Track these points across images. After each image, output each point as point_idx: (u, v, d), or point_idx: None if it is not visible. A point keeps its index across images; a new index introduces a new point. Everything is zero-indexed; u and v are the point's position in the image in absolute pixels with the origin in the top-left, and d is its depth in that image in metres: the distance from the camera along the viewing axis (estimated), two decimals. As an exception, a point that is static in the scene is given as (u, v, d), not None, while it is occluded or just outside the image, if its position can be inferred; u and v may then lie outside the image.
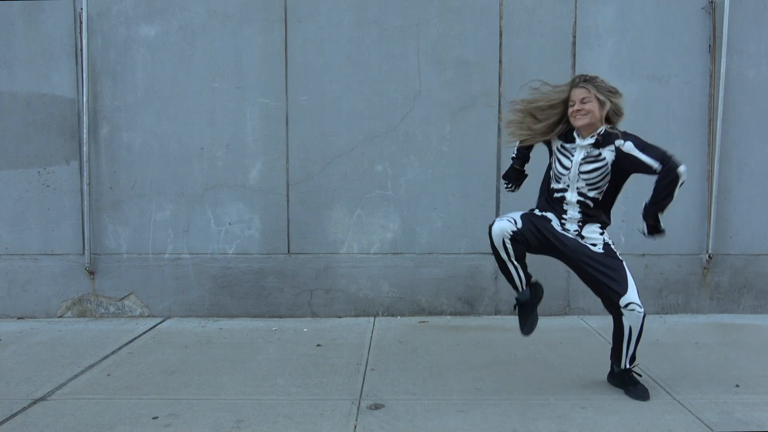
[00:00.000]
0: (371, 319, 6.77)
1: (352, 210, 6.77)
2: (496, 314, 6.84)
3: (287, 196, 6.79)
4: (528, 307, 4.79)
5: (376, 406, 4.47)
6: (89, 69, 6.67)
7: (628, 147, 4.50)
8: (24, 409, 4.46)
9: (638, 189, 6.68)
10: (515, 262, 4.59)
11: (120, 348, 5.82)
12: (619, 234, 6.77)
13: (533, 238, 4.53)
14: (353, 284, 6.84)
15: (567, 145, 4.61)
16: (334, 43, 6.68)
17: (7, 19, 6.70)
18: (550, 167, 4.74)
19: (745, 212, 6.83)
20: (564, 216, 4.62)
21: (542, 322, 6.40)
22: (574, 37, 6.67)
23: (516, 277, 4.65)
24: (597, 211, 4.60)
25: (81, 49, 6.64)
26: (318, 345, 5.90)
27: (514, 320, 6.53)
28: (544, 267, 6.70)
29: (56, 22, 6.68)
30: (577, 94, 4.49)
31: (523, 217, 4.55)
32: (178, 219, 6.82)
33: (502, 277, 6.66)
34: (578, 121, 4.50)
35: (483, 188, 6.73)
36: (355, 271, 6.83)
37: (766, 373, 5.08)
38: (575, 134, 4.60)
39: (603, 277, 4.51)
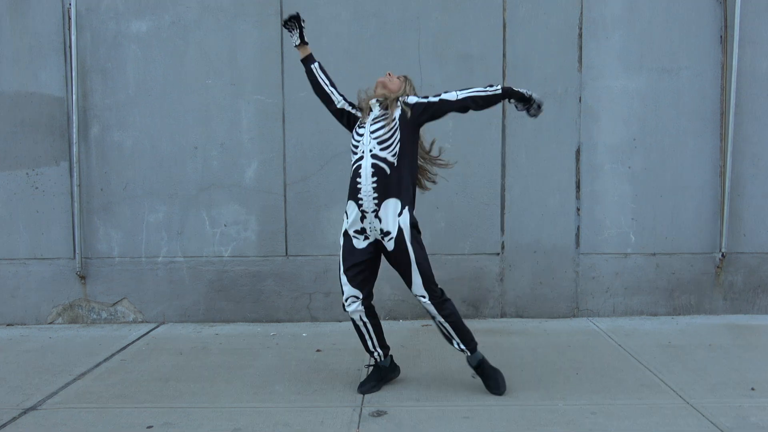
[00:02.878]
0: None
1: (352, 210, 6.63)
2: (501, 317, 6.76)
3: (284, 197, 6.69)
4: (382, 372, 4.93)
5: (379, 413, 4.42)
6: (78, 66, 6.58)
7: (412, 98, 4.72)
8: (14, 419, 4.39)
9: (646, 188, 6.64)
10: (373, 338, 4.84)
11: (113, 355, 5.76)
12: (629, 233, 6.74)
13: (366, 272, 4.72)
14: (354, 287, 6.69)
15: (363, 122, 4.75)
16: (332, 37, 6.60)
17: (-7, 15, 6.65)
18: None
19: (759, 209, 6.78)
20: (359, 196, 4.58)
21: (550, 324, 6.57)
22: (581, 29, 6.59)
23: (371, 345, 4.85)
24: (393, 180, 4.56)
25: (70, 46, 6.56)
26: (318, 350, 5.84)
27: (520, 323, 6.53)
28: (551, 269, 6.65)
29: (44, 18, 6.59)
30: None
31: (351, 279, 4.66)
32: (172, 221, 6.72)
33: (507, 279, 6.66)
34: (376, 90, 4.80)
35: (487, 186, 6.63)
36: (355, 274, 6.68)
37: (783, 376, 5.07)
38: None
39: (399, 271, 4.68)
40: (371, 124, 4.60)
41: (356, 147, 4.63)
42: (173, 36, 6.60)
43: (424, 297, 4.59)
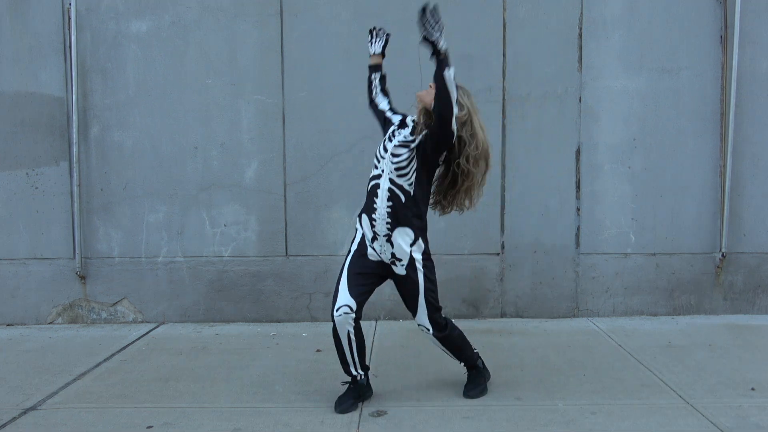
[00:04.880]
0: (372, 323, 6.65)
1: (352, 210, 6.60)
2: (501, 317, 6.73)
3: (284, 197, 6.66)
4: (360, 390, 4.57)
5: (379, 414, 4.40)
6: (78, 66, 6.55)
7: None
8: (14, 419, 4.38)
9: (646, 188, 6.62)
10: (356, 357, 4.49)
11: (113, 355, 5.74)
12: (629, 233, 6.71)
13: (368, 287, 4.46)
14: (354, 287, 6.67)
15: (397, 130, 4.46)
16: (331, 37, 6.57)
17: (-8, 15, 6.63)
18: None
19: (759, 209, 6.75)
20: (374, 216, 4.33)
21: (550, 324, 6.54)
22: (581, 29, 6.56)
23: (351, 364, 4.50)
24: (408, 208, 4.31)
25: (70, 46, 6.53)
26: (318, 350, 5.81)
27: (520, 323, 6.51)
28: (551, 269, 6.63)
29: (44, 18, 6.56)
30: None
31: (351, 288, 4.35)
32: (172, 221, 6.69)
33: (507, 279, 6.62)
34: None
35: (487, 186, 6.50)
36: (355, 274, 6.65)
37: (783, 376, 5.05)
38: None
39: (405, 297, 4.50)
40: (396, 147, 4.31)
41: (378, 163, 4.37)
42: (173, 36, 6.57)
43: (428, 330, 4.42)
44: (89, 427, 4.23)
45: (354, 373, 4.48)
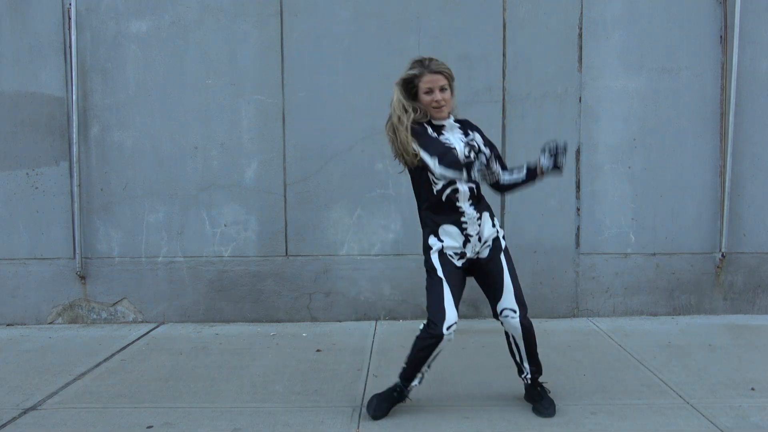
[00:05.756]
0: (373, 323, 6.66)
1: (352, 210, 6.63)
2: None
3: (285, 196, 6.65)
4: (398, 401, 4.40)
5: None
6: (78, 66, 6.54)
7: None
8: (14, 419, 4.38)
9: (646, 188, 6.62)
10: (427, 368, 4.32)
11: (113, 355, 5.73)
12: (629, 233, 6.70)
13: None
14: (354, 287, 6.71)
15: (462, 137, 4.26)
16: (331, 37, 6.56)
17: (-8, 15, 6.62)
18: (419, 177, 4.28)
19: (759, 209, 6.73)
20: (463, 220, 4.15)
21: (550, 324, 6.50)
22: (581, 28, 6.55)
23: (419, 375, 4.32)
24: (480, 196, 4.25)
25: (70, 46, 6.52)
26: (318, 350, 5.81)
27: None
28: (551, 269, 6.62)
29: (44, 18, 6.55)
30: (435, 80, 4.16)
31: (456, 304, 4.13)
32: (172, 221, 6.68)
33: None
34: (440, 113, 4.20)
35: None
36: (355, 274, 6.70)
37: (783, 376, 5.04)
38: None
39: (489, 282, 4.31)
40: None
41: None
42: (173, 36, 6.56)
43: (515, 312, 4.21)
44: (89, 427, 4.22)
45: (413, 383, 4.33)
